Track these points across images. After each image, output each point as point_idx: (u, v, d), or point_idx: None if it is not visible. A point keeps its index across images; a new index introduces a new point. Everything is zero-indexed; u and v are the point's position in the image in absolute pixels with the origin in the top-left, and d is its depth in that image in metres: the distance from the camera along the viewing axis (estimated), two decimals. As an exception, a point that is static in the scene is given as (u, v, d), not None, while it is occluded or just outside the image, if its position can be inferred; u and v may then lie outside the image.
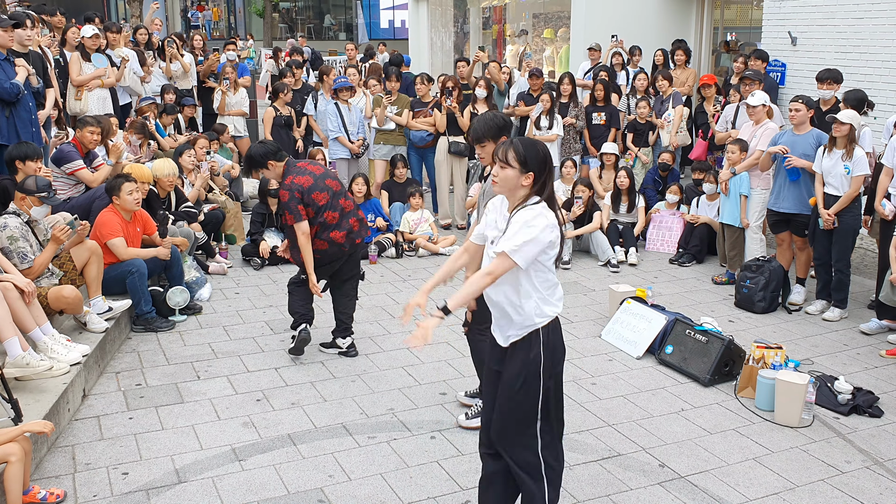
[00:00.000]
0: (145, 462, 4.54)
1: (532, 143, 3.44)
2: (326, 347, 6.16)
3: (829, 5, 9.30)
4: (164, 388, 5.49)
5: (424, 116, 9.85)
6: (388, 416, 5.15)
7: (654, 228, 9.08)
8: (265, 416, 5.12)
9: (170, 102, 10.38)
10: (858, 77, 8.62)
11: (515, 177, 3.38)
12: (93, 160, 7.37)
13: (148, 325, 6.44)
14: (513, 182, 3.40)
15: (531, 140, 3.47)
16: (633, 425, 5.09)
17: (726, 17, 13.54)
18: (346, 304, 6.09)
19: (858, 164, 6.57)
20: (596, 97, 10.00)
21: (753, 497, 4.32)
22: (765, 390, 5.29)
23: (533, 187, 3.40)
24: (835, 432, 5.04)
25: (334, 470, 4.50)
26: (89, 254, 6.07)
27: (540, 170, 3.39)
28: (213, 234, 8.44)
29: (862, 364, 6.07)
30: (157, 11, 12.94)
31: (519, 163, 3.38)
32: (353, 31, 34.97)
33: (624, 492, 4.35)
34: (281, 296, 7.37)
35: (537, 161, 3.39)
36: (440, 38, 19.10)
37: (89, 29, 9.22)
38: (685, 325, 6.04)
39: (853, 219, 6.74)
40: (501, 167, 3.40)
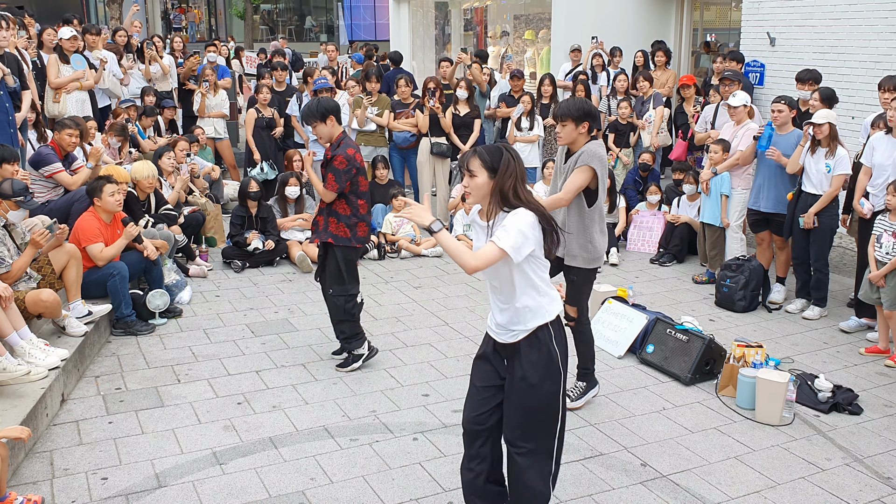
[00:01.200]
0: (125, 467, 4.50)
1: (496, 148, 3.48)
2: (345, 366, 5.89)
3: (807, 6, 9.37)
4: (143, 391, 5.44)
5: (406, 117, 9.85)
6: (370, 418, 5.13)
7: (634, 228, 9.12)
8: (246, 419, 5.09)
9: (150, 105, 10.31)
10: (836, 77, 8.70)
11: (485, 184, 3.42)
12: (71, 163, 7.31)
13: (128, 328, 6.39)
14: (484, 188, 3.43)
15: (495, 146, 3.52)
16: (614, 424, 5.10)
17: (706, 19, 13.62)
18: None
19: (840, 164, 6.62)
20: (577, 98, 10.01)
21: (735, 495, 4.34)
22: (745, 389, 5.32)
23: (501, 186, 3.42)
24: (815, 430, 5.07)
25: (316, 473, 4.47)
26: (68, 257, 6.01)
27: (504, 168, 3.40)
28: (193, 236, 8.39)
29: (842, 362, 6.11)
30: (136, 14, 12.86)
31: (486, 168, 3.41)
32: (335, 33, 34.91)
33: (606, 491, 4.35)
34: (262, 298, 7.35)
35: (501, 160, 3.42)
36: (421, 40, 19.09)
37: (67, 31, 9.14)
38: (666, 325, 6.06)
39: (830, 218, 6.79)
40: (470, 177, 3.44)
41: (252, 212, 8.38)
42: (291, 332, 6.56)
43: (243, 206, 8.42)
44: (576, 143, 4.98)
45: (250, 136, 10.26)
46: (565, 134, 4.96)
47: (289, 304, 7.23)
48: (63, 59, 9.00)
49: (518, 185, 3.42)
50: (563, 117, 4.94)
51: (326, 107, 5.63)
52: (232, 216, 8.49)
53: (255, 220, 8.41)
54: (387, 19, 20.83)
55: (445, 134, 9.72)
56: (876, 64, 8.52)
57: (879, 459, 4.73)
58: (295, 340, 6.39)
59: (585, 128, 4.93)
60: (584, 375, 5.34)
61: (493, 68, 14.12)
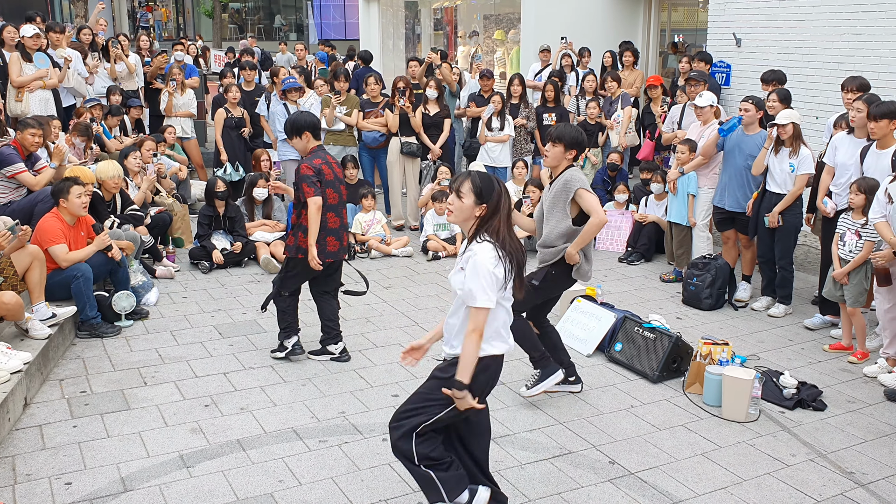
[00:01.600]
0: (90, 471, 4.43)
1: (490, 178, 3.59)
2: (317, 355, 6.03)
3: (772, 7, 9.49)
4: (109, 394, 5.37)
5: (376, 117, 9.82)
6: (340, 419, 5.11)
7: (603, 228, 9.14)
8: (214, 421, 5.04)
9: (115, 104, 10.18)
10: (800, 78, 8.82)
11: (469, 208, 3.53)
12: (34, 163, 7.19)
13: (93, 330, 6.30)
14: (467, 213, 3.55)
15: (489, 175, 3.62)
16: (583, 423, 5.13)
17: (673, 20, 13.74)
18: (333, 308, 6.03)
19: (804, 163, 6.71)
20: (546, 98, 10.06)
21: (702, 492, 4.38)
22: (712, 386, 5.37)
23: (482, 222, 3.54)
24: (780, 426, 5.14)
25: (284, 475, 4.45)
26: (31, 259, 5.91)
27: (494, 204, 3.53)
28: (159, 237, 8.30)
29: (806, 359, 6.20)
30: (102, 12, 12.68)
31: (475, 195, 3.52)
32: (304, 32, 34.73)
33: (575, 489, 4.37)
34: (230, 299, 7.29)
35: (492, 195, 3.53)
36: (391, 39, 19.06)
37: (30, 28, 8.99)
38: (634, 323, 6.11)
39: (795, 217, 6.89)
40: (457, 197, 3.53)
41: (220, 211, 8.31)
42: (259, 334, 6.51)
43: (211, 206, 8.34)
44: (559, 166, 5.21)
45: (219, 137, 10.17)
46: (553, 155, 5.17)
47: (257, 305, 7.17)
48: (25, 58, 8.85)
49: (504, 222, 3.54)
50: (556, 139, 5.12)
51: (298, 123, 5.76)
52: (199, 216, 8.41)
53: (222, 219, 8.33)
54: (356, 18, 20.77)
55: (415, 133, 9.70)
56: (839, 65, 8.66)
57: (843, 454, 4.80)
58: (263, 342, 6.34)
59: (572, 155, 5.18)
60: (538, 362, 5.33)
61: (463, 68, 14.14)
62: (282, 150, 9.73)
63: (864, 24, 8.48)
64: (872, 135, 6.14)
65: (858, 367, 6.03)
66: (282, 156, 9.76)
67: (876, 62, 8.23)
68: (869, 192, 5.92)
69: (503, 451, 4.72)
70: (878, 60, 8.25)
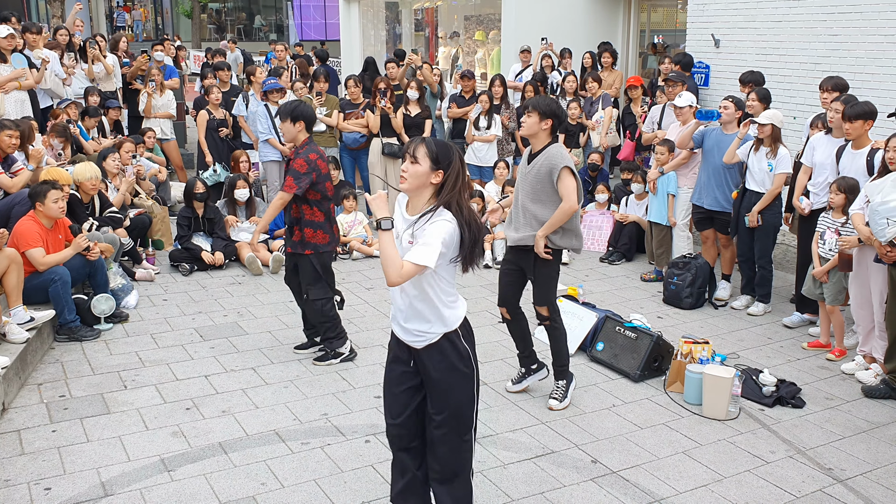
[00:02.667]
0: (69, 476, 4.40)
1: (445, 144, 3.42)
2: (322, 361, 5.98)
3: (751, 9, 9.57)
4: (89, 398, 5.33)
5: (356, 118, 9.80)
6: (322, 421, 5.10)
7: (584, 228, 9.20)
8: (195, 424, 5.01)
9: (93, 105, 10.09)
10: (778, 78, 8.90)
11: (425, 174, 3.34)
12: (11, 165, 7.12)
13: (72, 334, 6.25)
14: (422, 179, 3.35)
15: (446, 142, 3.46)
16: (565, 422, 5.15)
17: (653, 20, 13.82)
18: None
19: (781, 162, 6.77)
20: (526, 98, 10.08)
21: (683, 489, 4.41)
22: (693, 384, 5.41)
23: (440, 188, 3.37)
24: (760, 424, 5.18)
25: (267, 477, 4.43)
26: (8, 262, 5.86)
27: (450, 169, 3.35)
28: (139, 239, 8.24)
29: (785, 357, 6.25)
30: (79, 12, 12.58)
31: (430, 159, 3.34)
32: (284, 32, 34.60)
33: (557, 489, 4.39)
34: (210, 301, 7.25)
35: (448, 160, 3.36)
36: (372, 40, 19.02)
37: (4, 29, 8.89)
38: (615, 322, 6.13)
39: (773, 216, 6.94)
40: (411, 163, 3.35)
41: (199, 213, 8.27)
42: (241, 336, 6.48)
43: (189, 208, 8.29)
44: (537, 137, 5.10)
45: (202, 138, 10.10)
46: (528, 124, 5.07)
47: (238, 307, 7.15)
48: (0, 59, 8.75)
49: (462, 189, 3.37)
50: (530, 108, 5.05)
51: (299, 111, 5.69)
52: (178, 217, 8.36)
53: (202, 221, 8.29)
54: (337, 19, 20.72)
55: (396, 134, 9.70)
56: (816, 66, 8.74)
57: (821, 451, 4.85)
58: (244, 344, 6.32)
59: (548, 125, 5.06)
60: (561, 373, 5.41)
61: (444, 69, 14.15)
62: (263, 150, 9.68)
63: (841, 25, 8.56)
64: (847, 135, 6.21)
65: (836, 364, 6.10)
66: (263, 157, 9.71)
67: (852, 63, 8.31)
68: (849, 191, 5.99)
69: (486, 452, 4.73)
70: (853, 61, 8.34)
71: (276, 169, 9.66)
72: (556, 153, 5.07)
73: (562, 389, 5.36)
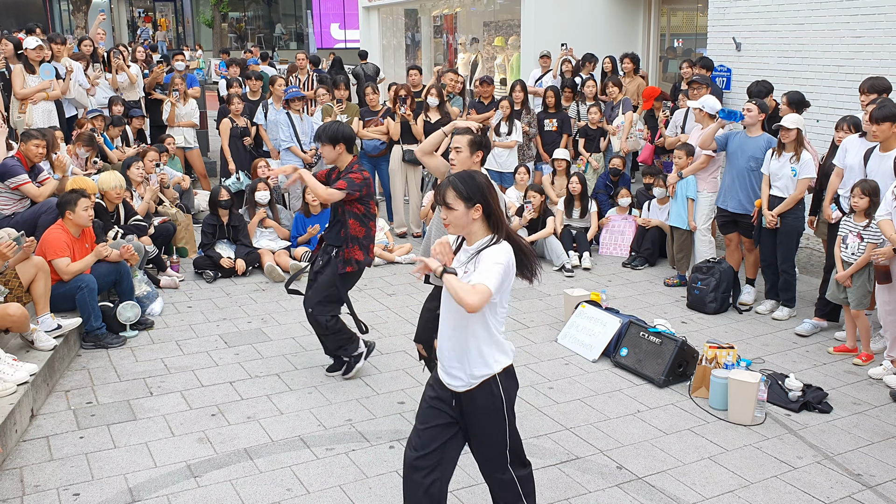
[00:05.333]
0: (97, 482, 4.44)
1: (469, 175, 3.40)
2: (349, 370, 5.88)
3: (772, 11, 9.52)
4: (115, 405, 5.38)
5: (376, 125, 9.84)
6: (346, 427, 5.11)
7: (606, 232, 9.19)
8: (220, 430, 5.05)
9: (117, 114, 10.21)
10: (800, 81, 8.84)
11: (464, 215, 3.34)
12: (38, 174, 7.21)
13: (98, 341, 6.31)
14: (464, 220, 3.35)
15: (466, 172, 3.44)
16: (590, 428, 5.13)
17: (673, 24, 13.77)
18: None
19: (805, 168, 6.72)
20: (547, 104, 10.09)
21: (709, 495, 4.38)
22: (718, 390, 5.37)
23: (485, 219, 3.36)
24: (786, 429, 5.14)
25: (292, 483, 4.45)
26: (36, 270, 5.93)
27: (485, 199, 3.34)
28: (163, 247, 8.30)
29: (811, 361, 6.20)
30: (102, 22, 12.73)
31: (462, 199, 3.33)
32: (304, 41, 34.79)
33: (583, 494, 4.37)
34: (235, 308, 7.29)
35: (479, 191, 3.34)
36: (391, 47, 19.11)
37: (33, 40, 9.02)
38: (639, 328, 6.11)
39: (796, 220, 6.89)
40: (448, 210, 3.34)
41: (223, 220, 8.33)
42: (265, 342, 6.52)
43: (214, 215, 8.35)
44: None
45: (226, 146, 10.17)
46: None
47: (262, 313, 7.19)
48: (28, 70, 8.88)
49: (500, 210, 3.40)
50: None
51: (340, 132, 5.53)
52: (203, 225, 8.43)
53: (226, 228, 8.35)
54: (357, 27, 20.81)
55: (417, 141, 9.72)
56: (839, 68, 8.69)
57: (849, 456, 4.80)
58: (269, 350, 6.35)
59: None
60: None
61: (464, 75, 14.17)
62: (285, 158, 9.74)
63: (864, 26, 8.50)
64: (875, 137, 6.14)
65: (863, 368, 6.03)
66: (284, 165, 9.76)
67: (876, 65, 8.25)
68: (871, 194, 5.93)
69: (510, 458, 4.72)
70: (877, 63, 8.27)
71: (297, 178, 9.70)
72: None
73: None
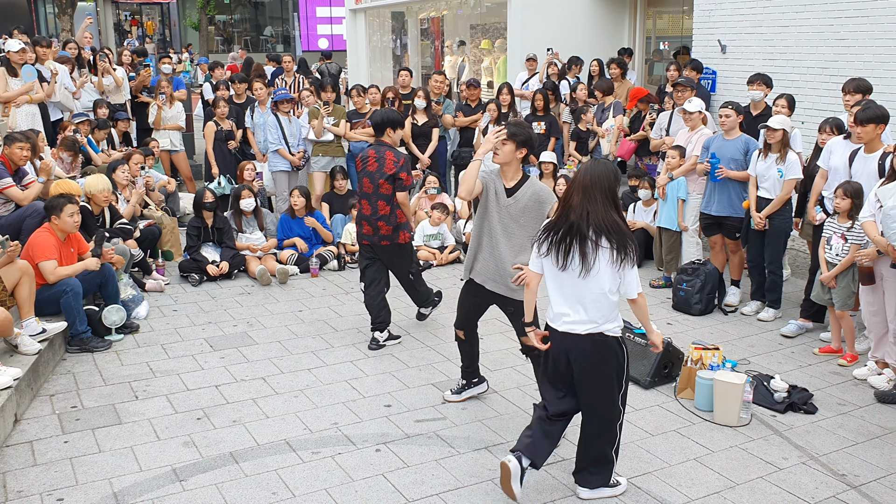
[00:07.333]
0: (81, 487, 4.41)
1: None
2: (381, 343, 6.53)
3: (757, 14, 9.57)
4: (100, 409, 5.35)
5: (363, 127, 9.83)
6: (332, 430, 5.10)
7: (593, 235, 9.18)
8: (206, 434, 5.02)
9: (102, 117, 10.15)
10: (785, 83, 8.88)
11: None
12: (22, 178, 7.16)
13: (83, 345, 6.27)
14: None
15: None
16: (575, 430, 5.07)
17: (658, 27, 13.83)
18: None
19: (791, 168, 6.76)
20: (536, 107, 10.11)
21: (695, 497, 4.39)
22: (703, 391, 5.39)
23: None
24: (772, 430, 5.16)
25: (278, 487, 4.43)
26: (20, 274, 5.89)
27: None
28: (149, 250, 8.27)
29: (796, 362, 6.23)
30: (89, 25, 12.66)
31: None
32: (291, 43, 34.75)
33: (569, 496, 4.38)
34: (220, 312, 7.27)
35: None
36: (378, 50, 19.09)
37: (16, 43, 8.97)
38: (624, 329, 6.09)
39: (784, 221, 6.93)
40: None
41: (208, 222, 8.30)
42: (251, 346, 6.50)
43: (199, 218, 8.32)
44: (511, 167, 4.90)
45: (210, 150, 10.13)
46: (504, 153, 4.85)
47: (248, 317, 7.17)
48: (11, 73, 8.82)
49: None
50: (510, 137, 4.82)
51: (394, 121, 6.49)
52: (188, 227, 8.40)
53: (211, 231, 8.32)
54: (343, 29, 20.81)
55: (404, 143, 9.72)
56: (823, 70, 8.74)
57: (834, 457, 4.82)
58: (254, 354, 6.33)
59: (522, 154, 4.88)
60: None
61: (451, 78, 14.18)
62: (272, 161, 9.71)
63: (848, 29, 8.56)
64: (859, 139, 6.18)
65: (848, 369, 6.07)
66: (272, 167, 9.74)
67: (859, 66, 8.31)
68: (854, 195, 5.97)
69: (496, 460, 4.72)
70: (861, 65, 8.33)
71: (284, 179, 9.70)
72: (543, 188, 4.89)
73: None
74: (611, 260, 3.95)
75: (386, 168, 6.28)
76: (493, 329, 6.70)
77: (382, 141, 6.44)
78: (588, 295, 4.04)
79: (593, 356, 4.09)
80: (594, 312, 4.05)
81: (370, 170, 6.33)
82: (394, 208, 6.31)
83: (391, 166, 6.29)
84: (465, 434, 5.06)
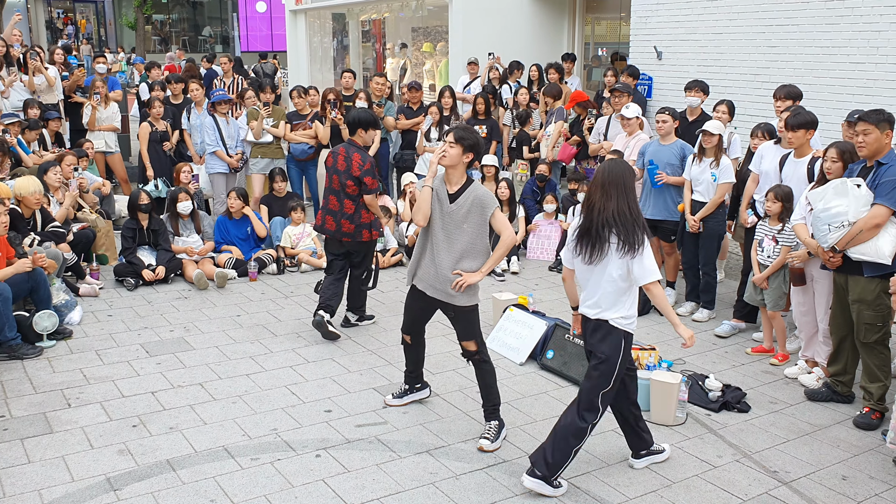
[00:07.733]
0: (9, 499, 4.27)
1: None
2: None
3: (692, 21, 9.79)
4: (30, 418, 5.19)
5: (304, 129, 9.76)
6: (272, 436, 5.04)
7: (533, 237, 9.29)
8: (142, 442, 4.92)
9: (33, 118, 9.86)
10: (719, 89, 9.10)
11: None
12: (-53, 179, 6.92)
13: (12, 352, 6.08)
14: None
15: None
16: (517, 431, 5.17)
17: (597, 33, 14.04)
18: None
19: (724, 173, 6.92)
20: (478, 111, 10.16)
21: (633, 496, 4.46)
22: (640, 391, 5.46)
23: None
24: (707, 429, 5.27)
25: (216, 494, 4.36)
26: (-56, 279, 5.69)
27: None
28: (83, 254, 8.06)
29: (730, 362, 6.38)
30: (18, 23, 12.28)
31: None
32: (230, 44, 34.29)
33: (509, 498, 4.40)
34: (156, 317, 7.13)
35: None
36: (319, 51, 18.97)
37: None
38: (565, 330, 6.19)
39: (718, 224, 7.09)
40: None
41: (143, 224, 8.13)
42: (188, 351, 6.38)
43: (134, 219, 8.14)
44: (457, 169, 4.84)
45: (145, 151, 9.93)
46: (451, 155, 4.79)
47: (185, 321, 7.04)
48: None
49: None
50: (456, 141, 4.78)
51: (362, 122, 6.57)
52: (123, 230, 8.20)
53: (146, 233, 8.15)
54: (283, 30, 20.61)
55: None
56: (755, 76, 8.98)
57: (767, 454, 4.95)
58: (192, 359, 6.22)
59: (469, 159, 4.84)
60: (493, 413, 5.07)
61: (392, 80, 14.17)
62: (210, 162, 9.57)
63: (779, 37, 8.82)
64: (790, 144, 6.36)
65: (780, 368, 6.23)
66: (209, 169, 9.60)
67: (790, 73, 8.56)
68: (784, 199, 6.14)
69: (438, 463, 4.73)
70: (791, 72, 8.58)
71: (222, 181, 9.56)
72: (486, 192, 4.83)
73: (494, 430, 4.97)
74: (619, 249, 4.25)
75: (352, 170, 6.43)
76: (434, 332, 6.70)
77: (353, 141, 6.58)
78: (600, 281, 4.36)
79: (594, 338, 4.43)
80: (602, 299, 4.36)
81: (339, 168, 6.47)
82: (359, 208, 6.51)
83: (356, 169, 6.42)
84: (407, 438, 5.05)
